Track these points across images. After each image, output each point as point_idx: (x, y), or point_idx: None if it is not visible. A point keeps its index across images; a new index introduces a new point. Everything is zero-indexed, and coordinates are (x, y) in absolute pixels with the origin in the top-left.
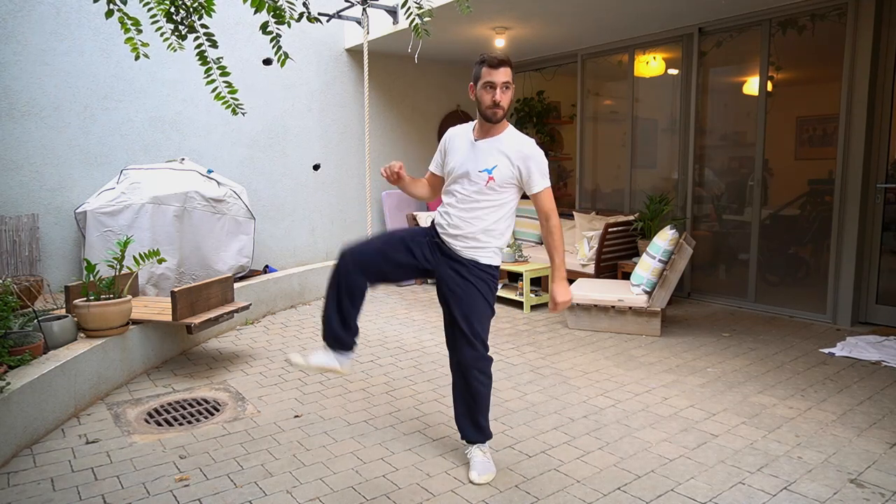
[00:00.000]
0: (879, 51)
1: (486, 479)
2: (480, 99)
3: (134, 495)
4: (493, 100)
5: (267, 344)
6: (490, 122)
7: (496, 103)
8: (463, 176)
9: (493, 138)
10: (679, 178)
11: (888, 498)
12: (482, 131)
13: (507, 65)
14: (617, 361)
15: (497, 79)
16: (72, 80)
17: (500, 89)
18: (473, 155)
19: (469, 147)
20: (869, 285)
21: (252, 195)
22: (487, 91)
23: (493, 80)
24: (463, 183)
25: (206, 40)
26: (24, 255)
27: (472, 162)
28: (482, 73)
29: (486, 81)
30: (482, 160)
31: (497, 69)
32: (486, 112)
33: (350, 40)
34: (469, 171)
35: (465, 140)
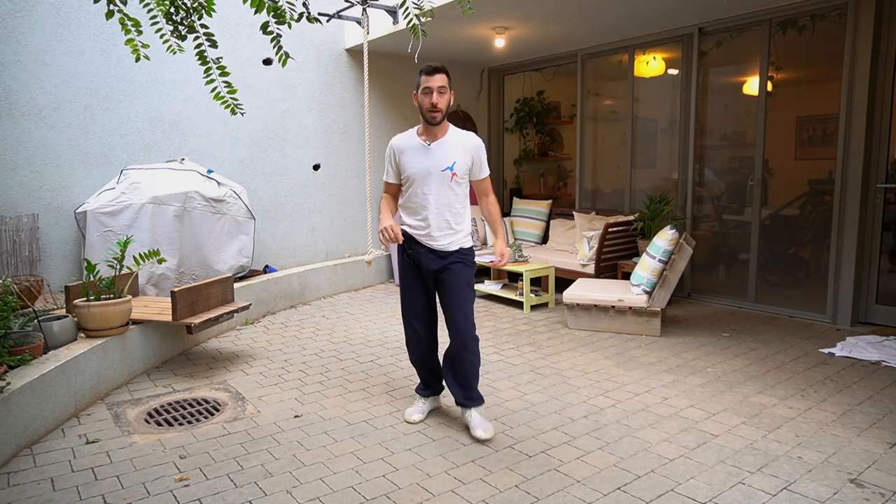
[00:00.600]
0: (879, 51)
1: (491, 434)
2: (421, 103)
3: (134, 495)
4: (430, 102)
5: (267, 344)
6: (431, 125)
7: (434, 105)
8: (426, 177)
9: (443, 139)
10: (679, 178)
11: (888, 498)
12: (429, 135)
13: (441, 72)
14: (617, 361)
15: (433, 84)
16: (72, 80)
17: (437, 93)
18: (429, 158)
19: (423, 151)
20: (869, 285)
21: (252, 195)
22: (426, 95)
23: (429, 86)
24: (428, 185)
25: (206, 40)
26: (24, 255)
27: (431, 163)
28: (421, 81)
29: (424, 87)
30: (440, 160)
31: (432, 76)
32: (427, 115)
33: (350, 40)
34: (430, 172)
35: (414, 146)
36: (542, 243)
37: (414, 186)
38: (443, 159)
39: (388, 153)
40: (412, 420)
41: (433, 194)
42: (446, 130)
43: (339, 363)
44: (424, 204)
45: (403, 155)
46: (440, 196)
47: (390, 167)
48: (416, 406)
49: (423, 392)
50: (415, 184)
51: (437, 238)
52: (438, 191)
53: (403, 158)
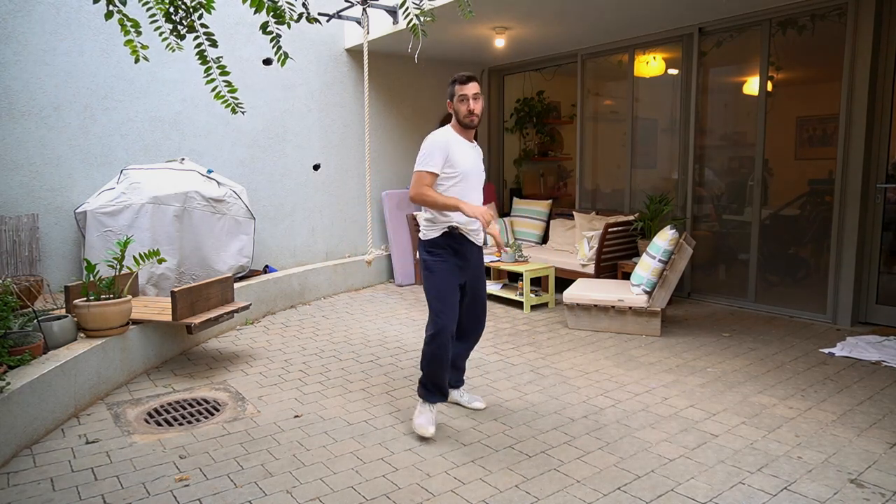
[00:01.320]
0: (879, 51)
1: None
2: (458, 110)
3: (134, 495)
4: (468, 109)
5: (267, 344)
6: (469, 129)
7: (471, 111)
8: (472, 175)
9: (475, 143)
10: (679, 178)
11: (888, 498)
12: (467, 136)
13: (474, 80)
14: (617, 361)
15: (468, 91)
16: (72, 80)
17: (472, 100)
18: (474, 157)
19: (470, 149)
20: (869, 285)
21: (252, 195)
22: (463, 103)
23: (465, 94)
24: (471, 181)
25: (206, 40)
26: (24, 255)
27: (475, 162)
28: (456, 90)
29: (460, 95)
30: (479, 161)
31: (467, 84)
32: (465, 120)
33: (350, 40)
34: (476, 171)
35: (461, 145)
36: (542, 243)
37: (463, 182)
38: (479, 160)
39: (440, 144)
40: (429, 434)
41: (477, 191)
42: (474, 134)
43: (339, 363)
44: (474, 200)
45: (455, 148)
46: (478, 192)
47: (439, 158)
48: (428, 416)
49: (439, 398)
50: (464, 180)
51: (479, 233)
52: (478, 188)
53: (454, 153)
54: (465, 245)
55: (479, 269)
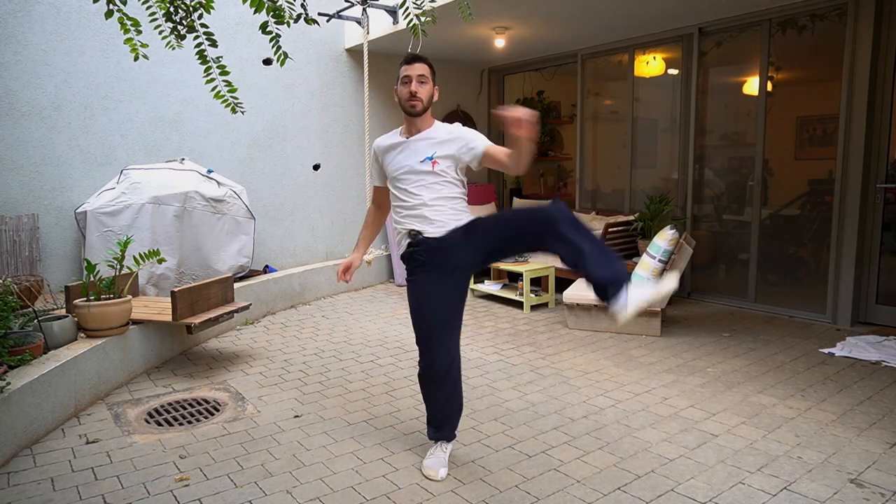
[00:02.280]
0: (879, 51)
1: None
2: (400, 95)
3: (134, 495)
4: (409, 91)
5: (267, 344)
6: (412, 116)
7: (413, 94)
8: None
9: (422, 134)
10: (679, 178)
11: (888, 498)
12: (410, 130)
13: (421, 60)
14: (617, 361)
15: (412, 72)
16: (72, 80)
17: (416, 81)
18: (407, 152)
19: (401, 146)
20: (869, 285)
21: (252, 195)
22: (405, 85)
23: (408, 74)
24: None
25: (206, 39)
26: (24, 255)
27: (410, 158)
28: (400, 71)
29: (403, 76)
30: (417, 153)
31: (412, 64)
32: (406, 105)
33: (350, 40)
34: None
35: (393, 143)
36: None
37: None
38: (419, 152)
39: (372, 155)
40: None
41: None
42: (429, 123)
43: (339, 363)
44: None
45: (385, 153)
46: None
47: (375, 167)
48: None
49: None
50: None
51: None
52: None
53: (385, 157)
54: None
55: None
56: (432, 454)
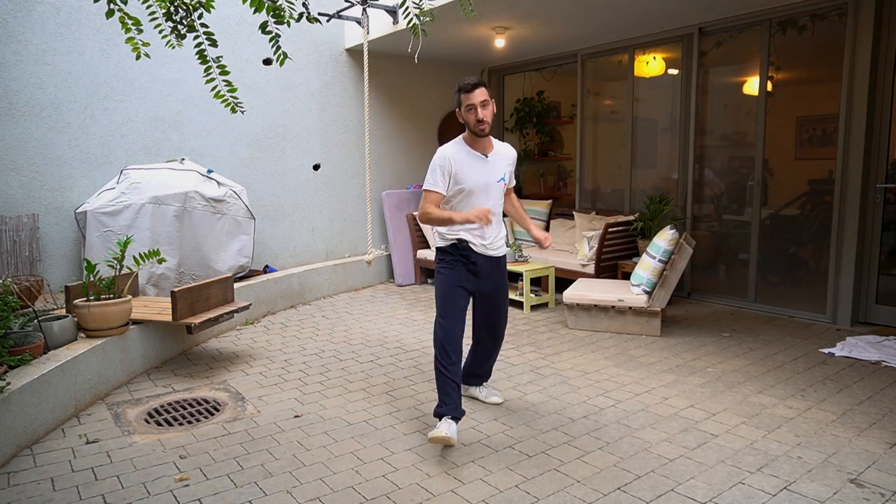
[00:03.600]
0: (879, 51)
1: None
2: (467, 120)
3: (134, 495)
4: (476, 119)
5: (267, 344)
6: (480, 137)
7: (480, 120)
8: (479, 189)
9: (494, 152)
10: (679, 178)
11: (888, 498)
12: (481, 146)
13: (480, 86)
14: (617, 361)
15: (475, 100)
16: (72, 80)
17: (480, 107)
18: (487, 169)
19: (480, 162)
20: (869, 285)
21: (252, 195)
22: (471, 112)
23: (472, 103)
24: (479, 196)
25: (206, 39)
26: (24, 255)
27: (485, 175)
28: (462, 100)
29: (468, 105)
30: (496, 171)
31: (472, 92)
32: (475, 129)
33: (350, 40)
34: (489, 184)
35: (469, 157)
36: None
37: (469, 198)
38: (497, 170)
39: (441, 161)
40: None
41: (489, 203)
42: (492, 141)
43: (339, 363)
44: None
45: (460, 163)
46: (496, 205)
47: (440, 176)
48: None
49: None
50: (470, 195)
51: (495, 244)
52: (496, 201)
53: (462, 168)
54: (477, 257)
55: (495, 281)
56: (439, 426)
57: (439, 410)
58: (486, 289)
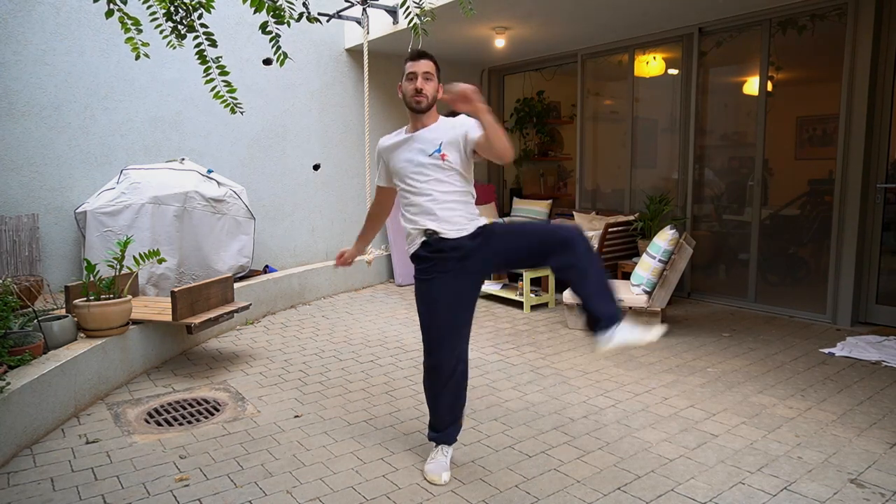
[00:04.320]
0: (879, 51)
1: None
2: (405, 91)
3: (134, 495)
4: (414, 87)
5: (267, 344)
6: (417, 112)
7: (418, 90)
8: (414, 170)
9: (429, 127)
10: (679, 178)
11: (888, 498)
12: (415, 126)
13: (426, 57)
14: (617, 361)
15: (418, 69)
16: (72, 80)
17: (422, 78)
18: (413, 146)
19: (408, 142)
20: (869, 285)
21: (252, 195)
22: (410, 82)
23: (414, 71)
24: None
25: (206, 40)
26: (24, 255)
27: (417, 152)
28: (405, 68)
29: (409, 73)
30: (427, 145)
31: (417, 60)
32: (411, 102)
33: (350, 40)
34: (419, 162)
35: (399, 138)
36: None
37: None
38: (428, 144)
39: (377, 154)
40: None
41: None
42: (434, 118)
43: (339, 363)
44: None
45: (389, 151)
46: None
47: (380, 167)
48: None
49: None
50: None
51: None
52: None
53: (390, 155)
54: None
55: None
56: (433, 458)
57: (431, 434)
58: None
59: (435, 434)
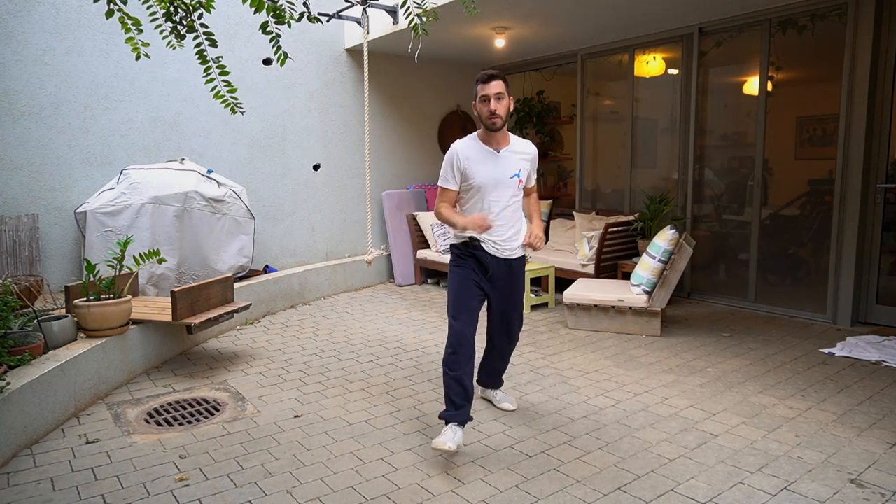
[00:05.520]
0: (879, 51)
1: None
2: (480, 112)
3: (134, 495)
4: (489, 110)
5: (267, 344)
6: (492, 131)
7: (493, 112)
8: (489, 186)
9: (508, 146)
10: (679, 178)
11: (888, 498)
12: (493, 142)
13: (497, 79)
14: (617, 361)
15: (490, 91)
16: (72, 80)
17: (494, 99)
18: (498, 164)
19: (491, 158)
20: (869, 285)
21: (252, 195)
22: (484, 104)
23: (486, 94)
24: (490, 193)
25: (206, 40)
26: (24, 255)
27: (501, 171)
28: (478, 90)
29: (482, 96)
30: (509, 167)
31: (489, 83)
32: (487, 122)
33: (350, 40)
34: (499, 180)
35: (481, 153)
36: None
37: (480, 195)
38: (512, 166)
39: (451, 157)
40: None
41: (502, 200)
42: (508, 137)
43: (339, 363)
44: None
45: (471, 160)
46: (510, 203)
47: (450, 172)
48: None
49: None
50: (481, 192)
51: (510, 247)
52: (509, 197)
53: (472, 164)
54: (489, 258)
55: (508, 284)
56: (443, 433)
57: (445, 415)
58: (500, 291)
59: (446, 413)
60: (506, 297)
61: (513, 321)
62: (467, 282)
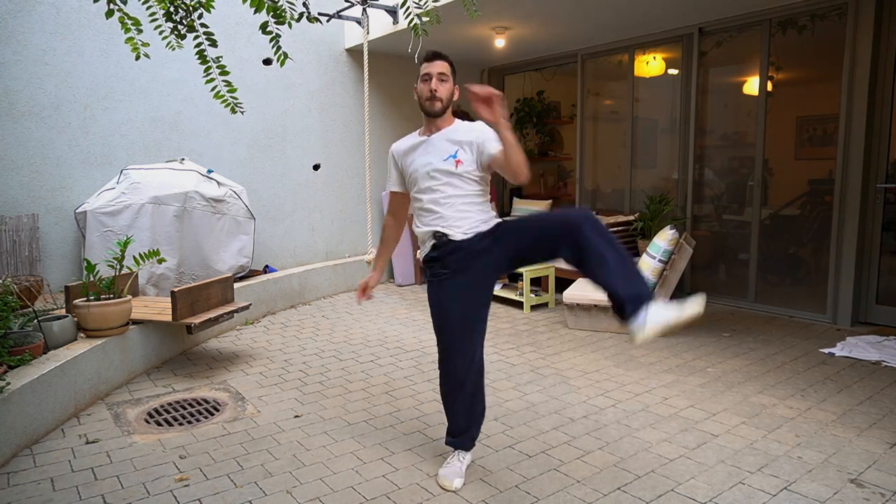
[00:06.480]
0: (879, 51)
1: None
2: (420, 93)
3: (134, 495)
4: (429, 89)
5: (267, 344)
6: (431, 115)
7: (433, 92)
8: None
9: (443, 131)
10: (679, 178)
11: (888, 498)
12: (430, 129)
13: (442, 58)
14: (617, 361)
15: (432, 70)
16: (72, 80)
17: (436, 79)
18: (428, 150)
19: (423, 145)
20: (869, 285)
21: (252, 195)
22: (425, 83)
23: (429, 72)
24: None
25: (206, 40)
26: (24, 255)
27: (431, 156)
28: (420, 69)
29: (423, 74)
30: (441, 151)
31: (432, 62)
32: (425, 105)
33: (350, 40)
34: (432, 165)
35: (414, 141)
36: None
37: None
38: (442, 150)
39: (390, 157)
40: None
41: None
42: (452, 122)
43: (339, 363)
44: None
45: (405, 155)
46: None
47: (394, 173)
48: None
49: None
50: (417, 184)
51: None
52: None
53: (405, 158)
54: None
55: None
56: (449, 463)
57: (448, 439)
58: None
59: (451, 439)
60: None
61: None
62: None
